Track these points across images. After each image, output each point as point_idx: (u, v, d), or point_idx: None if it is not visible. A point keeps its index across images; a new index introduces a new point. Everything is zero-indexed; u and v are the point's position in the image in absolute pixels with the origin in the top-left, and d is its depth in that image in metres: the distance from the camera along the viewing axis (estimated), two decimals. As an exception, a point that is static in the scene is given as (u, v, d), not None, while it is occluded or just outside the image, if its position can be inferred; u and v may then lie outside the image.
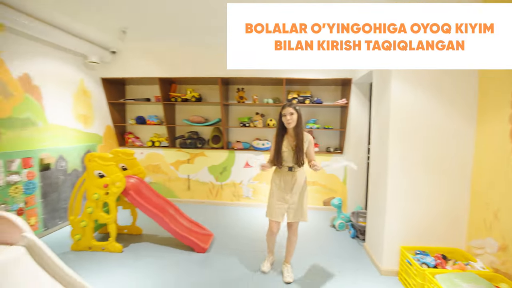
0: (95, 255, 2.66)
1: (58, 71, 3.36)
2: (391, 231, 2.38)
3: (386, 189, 2.37)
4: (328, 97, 4.14)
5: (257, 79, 3.93)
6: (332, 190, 4.11)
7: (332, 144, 4.23)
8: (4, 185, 2.61)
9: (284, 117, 2.28)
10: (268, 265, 2.48)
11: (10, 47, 2.77)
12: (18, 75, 2.85)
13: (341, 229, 3.34)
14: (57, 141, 3.31)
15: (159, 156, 4.40)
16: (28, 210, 2.86)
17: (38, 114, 3.07)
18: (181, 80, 4.17)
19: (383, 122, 2.49)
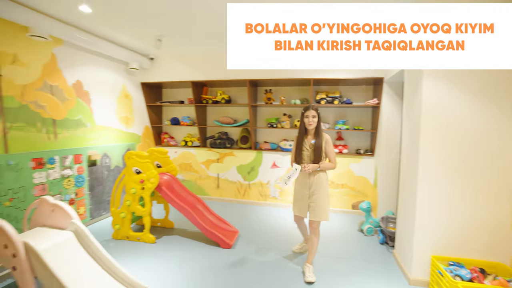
0: (132, 244, 2.92)
1: (104, 78, 3.76)
2: (422, 239, 2.24)
3: (416, 193, 2.24)
4: (358, 97, 4.01)
5: (285, 80, 3.95)
6: (361, 193, 3.96)
7: (363, 146, 4.08)
8: (59, 178, 3.01)
9: (306, 119, 2.35)
10: (297, 246, 2.85)
11: (66, 58, 3.18)
12: (72, 82, 3.26)
13: (370, 234, 3.21)
14: (103, 140, 3.70)
15: (191, 155, 4.65)
16: (78, 201, 3.25)
17: (87, 116, 3.47)
18: (212, 83, 4.37)
19: (414, 123, 2.36)
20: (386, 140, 3.53)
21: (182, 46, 3.91)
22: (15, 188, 2.57)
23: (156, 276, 2.35)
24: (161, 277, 2.35)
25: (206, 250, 2.85)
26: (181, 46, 3.88)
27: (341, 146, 3.99)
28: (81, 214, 3.27)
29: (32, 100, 2.80)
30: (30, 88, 2.78)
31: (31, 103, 2.80)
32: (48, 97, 2.96)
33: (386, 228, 2.97)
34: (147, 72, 4.46)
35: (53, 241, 1.91)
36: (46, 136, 2.94)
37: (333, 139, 4.15)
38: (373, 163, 3.88)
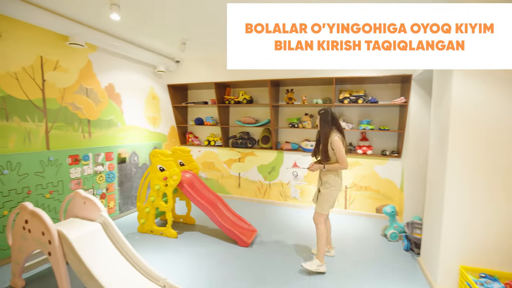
0: (155, 238, 3.08)
1: (133, 80, 4.01)
2: (449, 247, 2.08)
3: (443, 198, 2.09)
4: (384, 96, 3.83)
5: (307, 80, 3.90)
6: (386, 197, 3.77)
7: (389, 147, 3.89)
8: (92, 173, 3.27)
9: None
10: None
11: (100, 63, 3.44)
12: (105, 85, 3.52)
13: (393, 239, 3.05)
14: (132, 139, 3.94)
15: (214, 154, 4.77)
16: (109, 195, 3.50)
17: (118, 117, 3.73)
18: (235, 83, 4.44)
19: (442, 123, 2.21)
20: (414, 141, 3.33)
21: (206, 49, 4.03)
22: (54, 182, 2.84)
23: (176, 269, 2.45)
24: (181, 270, 2.45)
25: (225, 247, 2.91)
26: (205, 48, 4.00)
27: (365, 147, 3.84)
28: (111, 208, 3.52)
29: (70, 102, 3.08)
30: (69, 91, 3.06)
31: (69, 104, 3.07)
32: (84, 99, 3.24)
33: (412, 234, 2.80)
34: (173, 74, 4.67)
35: (83, 231, 2.08)
36: (81, 135, 3.22)
37: (357, 140, 4.02)
38: (399, 165, 3.68)
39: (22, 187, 2.57)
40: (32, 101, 2.71)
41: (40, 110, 2.79)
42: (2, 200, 2.44)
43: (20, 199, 2.55)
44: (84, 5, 2.59)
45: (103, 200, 3.41)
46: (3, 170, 2.43)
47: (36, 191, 2.68)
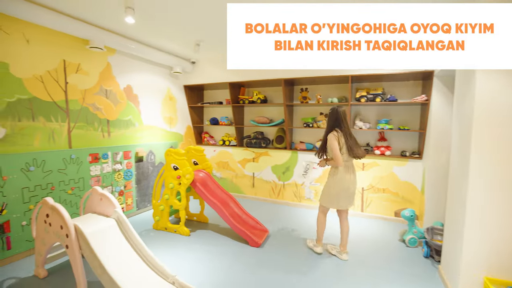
0: (169, 235, 3.16)
1: (151, 82, 4.13)
2: (471, 256, 1.93)
3: (465, 202, 1.94)
4: (404, 94, 3.65)
5: (322, 78, 3.81)
6: (406, 200, 3.59)
7: (409, 148, 3.70)
8: (111, 171, 3.41)
9: None
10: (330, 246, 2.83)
11: (119, 65, 3.59)
12: (123, 87, 3.66)
13: (412, 245, 2.89)
14: (149, 139, 4.07)
15: (228, 154, 4.80)
16: (127, 192, 3.64)
17: (136, 117, 3.86)
18: (249, 83, 4.44)
19: (464, 123, 2.06)
20: (436, 142, 3.14)
21: (220, 49, 4.06)
22: (75, 179, 3.00)
23: (187, 266, 2.49)
24: (192, 267, 2.48)
25: (236, 246, 2.91)
26: (220, 49, 4.04)
27: (384, 148, 3.68)
28: (128, 205, 3.66)
29: (91, 103, 3.24)
30: (89, 92, 3.22)
31: (90, 105, 3.23)
32: (103, 100, 3.39)
33: (432, 240, 2.64)
34: (189, 75, 4.76)
35: (98, 226, 2.17)
36: (101, 134, 3.37)
37: (374, 140, 3.87)
38: (420, 167, 3.49)
39: (46, 183, 2.74)
40: (56, 102, 2.88)
41: (63, 110, 2.95)
42: (28, 195, 2.61)
43: (45, 194, 2.72)
44: (102, 10, 2.71)
45: (121, 197, 3.55)
46: (30, 167, 2.60)
47: (59, 187, 2.85)
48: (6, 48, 2.50)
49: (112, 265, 1.94)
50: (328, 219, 2.97)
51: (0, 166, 2.41)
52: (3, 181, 2.43)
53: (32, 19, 2.57)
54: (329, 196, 2.59)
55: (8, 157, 2.46)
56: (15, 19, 2.52)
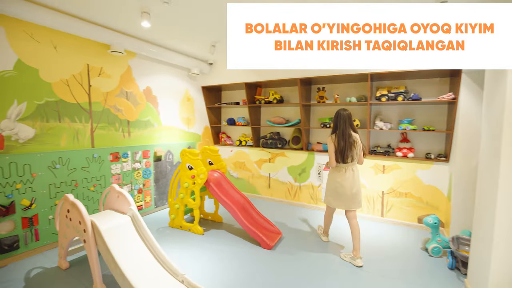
0: (183, 233, 3.22)
1: (169, 83, 4.26)
2: (501, 271, 1.75)
3: (494, 210, 1.77)
4: (429, 92, 3.41)
5: (340, 77, 3.67)
6: (430, 206, 3.35)
7: (434, 150, 3.45)
8: (131, 170, 3.56)
9: None
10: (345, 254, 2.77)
11: (138, 68, 3.73)
12: (143, 89, 3.81)
13: (436, 255, 2.69)
14: (167, 139, 4.19)
15: (245, 154, 4.81)
16: (145, 190, 3.77)
17: (155, 118, 4.00)
18: (266, 83, 4.42)
19: (494, 124, 1.87)
20: (464, 143, 2.89)
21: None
22: (97, 177, 3.17)
23: (199, 265, 2.53)
24: (202, 266, 2.51)
25: (248, 248, 2.90)
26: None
27: (406, 149, 3.47)
28: (147, 202, 3.79)
29: (112, 105, 3.40)
30: (111, 94, 3.38)
31: (111, 107, 3.40)
32: (124, 102, 3.54)
33: (458, 250, 2.43)
34: (207, 76, 4.83)
35: (114, 223, 2.27)
36: (121, 135, 3.52)
37: (396, 141, 3.67)
38: (447, 171, 3.24)
39: (71, 180, 2.92)
40: (80, 104, 3.06)
41: (87, 112, 3.13)
42: (54, 191, 2.80)
43: (69, 190, 2.90)
44: (121, 15, 2.83)
45: (140, 195, 3.69)
46: (56, 164, 2.79)
47: (82, 184, 3.02)
48: (37, 55, 2.70)
49: (124, 260, 2.01)
50: (338, 224, 2.89)
51: (30, 163, 2.60)
52: (32, 177, 2.63)
53: (59, 27, 2.75)
54: (328, 195, 2.82)
55: (37, 155, 2.66)
56: (44, 28, 2.72)
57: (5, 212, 2.44)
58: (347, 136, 2.58)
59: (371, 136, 3.80)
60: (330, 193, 2.77)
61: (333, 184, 2.72)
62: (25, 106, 2.63)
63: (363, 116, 3.83)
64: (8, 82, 2.51)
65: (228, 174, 5.00)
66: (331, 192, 2.76)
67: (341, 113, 2.64)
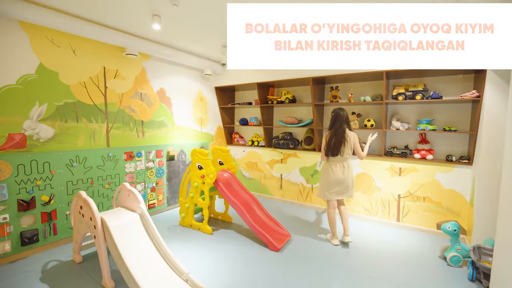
0: (192, 232, 3.26)
1: (182, 84, 4.34)
2: (524, 285, 1.59)
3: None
4: (450, 90, 3.20)
5: (354, 75, 3.55)
6: (451, 211, 3.14)
7: (456, 151, 3.23)
8: (144, 169, 3.66)
9: None
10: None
11: (152, 70, 3.84)
12: (157, 90, 3.91)
13: (455, 264, 2.51)
14: (180, 139, 4.27)
15: (257, 154, 4.79)
16: (158, 189, 3.87)
17: (168, 118, 4.09)
18: (278, 83, 4.37)
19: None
20: (489, 145, 2.68)
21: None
22: (112, 175, 3.29)
23: (205, 264, 2.54)
24: (209, 265, 2.53)
25: (255, 249, 2.88)
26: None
27: (425, 151, 3.28)
28: (160, 201, 3.89)
29: (127, 105, 3.52)
30: (126, 95, 3.50)
31: (126, 107, 3.51)
32: (138, 103, 3.65)
33: (479, 261, 2.25)
34: (220, 77, 4.87)
35: (123, 220, 2.34)
36: (136, 134, 3.64)
37: (414, 142, 3.48)
38: (470, 174, 3.02)
39: (87, 178, 3.06)
40: (96, 105, 3.20)
41: (103, 112, 3.26)
42: (71, 188, 2.94)
43: (85, 188, 3.04)
44: (133, 18, 2.91)
45: (153, 193, 3.79)
46: (73, 163, 2.93)
47: (97, 182, 3.15)
48: (57, 59, 2.85)
49: (130, 257, 2.06)
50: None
51: (49, 161, 2.75)
52: (51, 174, 2.78)
53: (77, 32, 2.88)
54: (321, 188, 3.04)
55: (56, 154, 2.81)
56: (63, 33, 2.87)
57: (26, 207, 2.60)
58: (340, 134, 2.84)
59: (387, 137, 3.63)
60: (322, 186, 3.00)
61: (325, 177, 2.97)
62: (45, 107, 2.78)
63: (378, 116, 3.68)
64: (30, 85, 2.67)
65: (240, 174, 5.00)
66: (323, 184, 2.99)
67: (340, 113, 2.88)
